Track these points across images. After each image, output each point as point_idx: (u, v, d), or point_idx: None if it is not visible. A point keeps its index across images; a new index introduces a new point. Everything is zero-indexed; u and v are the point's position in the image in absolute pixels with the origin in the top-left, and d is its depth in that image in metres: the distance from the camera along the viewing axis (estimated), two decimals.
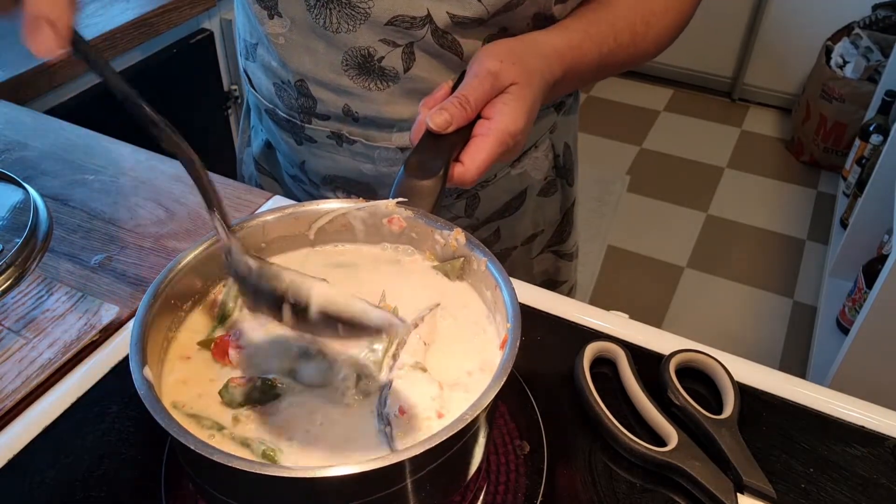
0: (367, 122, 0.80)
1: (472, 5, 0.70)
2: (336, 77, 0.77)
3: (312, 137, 0.83)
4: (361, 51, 0.74)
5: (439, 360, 0.53)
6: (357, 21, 0.72)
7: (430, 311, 0.56)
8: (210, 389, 0.51)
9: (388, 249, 0.62)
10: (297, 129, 0.84)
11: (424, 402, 0.49)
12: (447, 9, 0.71)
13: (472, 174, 0.61)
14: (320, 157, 0.85)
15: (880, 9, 2.81)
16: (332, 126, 0.82)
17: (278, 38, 0.77)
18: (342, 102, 0.79)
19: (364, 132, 0.81)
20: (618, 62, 0.77)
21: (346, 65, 0.76)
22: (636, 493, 0.57)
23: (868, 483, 0.59)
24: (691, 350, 0.66)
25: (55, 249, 0.77)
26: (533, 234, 0.97)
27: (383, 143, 0.81)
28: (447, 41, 0.73)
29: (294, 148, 0.87)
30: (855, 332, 1.65)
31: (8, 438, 0.59)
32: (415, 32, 0.72)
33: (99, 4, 1.48)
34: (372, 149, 0.81)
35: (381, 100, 0.78)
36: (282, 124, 0.85)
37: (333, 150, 0.83)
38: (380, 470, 0.41)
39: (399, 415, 0.49)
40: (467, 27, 0.72)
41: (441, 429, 0.42)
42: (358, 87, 0.77)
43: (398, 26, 0.72)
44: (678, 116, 3.31)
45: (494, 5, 0.71)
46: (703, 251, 2.61)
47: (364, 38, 0.73)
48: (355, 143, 0.81)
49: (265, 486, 0.42)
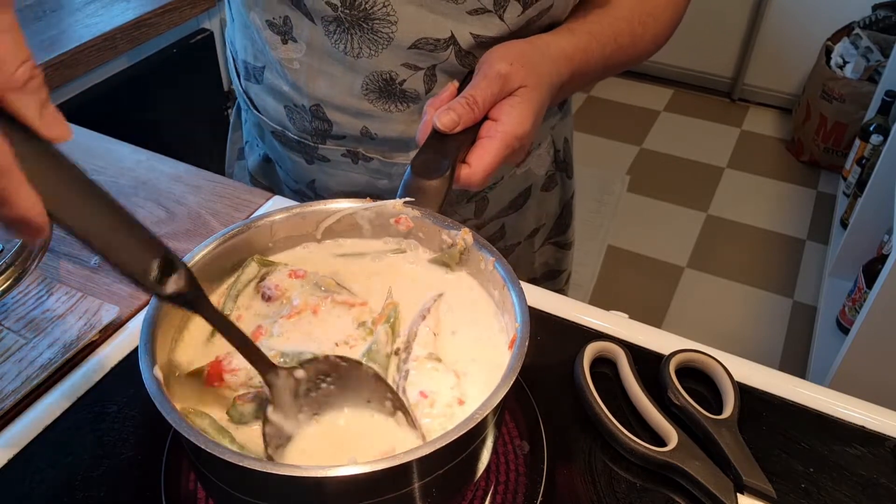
0: (385, 142, 0.79)
1: (496, 25, 0.70)
2: (355, 101, 0.76)
3: (326, 157, 0.82)
4: (383, 75, 0.73)
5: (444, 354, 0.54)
6: (380, 46, 0.71)
7: (433, 301, 0.56)
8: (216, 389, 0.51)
9: (391, 243, 0.62)
10: (309, 149, 0.82)
11: (444, 391, 0.50)
12: (470, 30, 0.70)
13: (479, 177, 0.61)
14: (332, 175, 0.84)
15: (880, 9, 2.81)
16: (347, 145, 0.80)
17: (292, 62, 0.76)
18: (360, 125, 0.78)
19: (382, 150, 0.80)
20: (619, 63, 0.77)
21: (367, 89, 0.75)
22: (636, 493, 0.57)
23: (868, 483, 0.59)
24: (691, 350, 0.66)
25: (55, 249, 0.77)
26: (536, 229, 0.97)
27: (401, 160, 0.80)
28: (469, 60, 0.73)
29: (303, 167, 0.85)
30: (855, 332, 1.65)
31: (8, 438, 0.59)
32: (438, 55, 0.72)
33: (99, 4, 1.48)
34: (389, 165, 0.80)
35: (400, 119, 0.77)
36: (291, 145, 0.84)
37: (348, 167, 0.82)
38: (388, 470, 0.41)
39: (422, 397, 0.49)
40: (488, 46, 0.72)
41: (453, 427, 0.43)
42: (378, 109, 0.76)
43: (422, 49, 0.71)
44: (678, 116, 3.31)
45: (517, 24, 0.71)
46: (703, 251, 2.61)
47: (386, 62, 0.72)
48: (372, 160, 0.80)
49: (275, 485, 0.42)
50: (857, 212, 2.16)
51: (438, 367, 0.51)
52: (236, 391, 0.51)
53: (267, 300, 0.57)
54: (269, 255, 0.60)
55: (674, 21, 0.80)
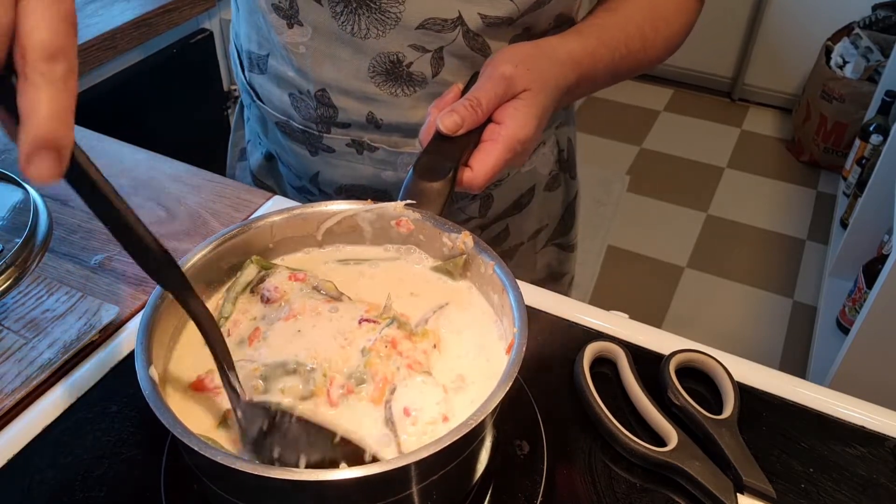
0: (391, 129, 0.79)
1: (504, 5, 0.70)
2: (361, 84, 0.76)
3: (330, 147, 0.82)
4: (390, 56, 0.73)
5: (444, 362, 0.53)
6: (387, 26, 0.71)
7: (433, 312, 0.56)
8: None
9: (391, 250, 0.62)
10: (313, 139, 0.82)
11: (429, 406, 0.49)
12: (478, 10, 0.70)
13: (481, 180, 0.61)
14: (337, 166, 0.84)
15: (880, 9, 2.81)
16: (352, 134, 0.80)
17: (298, 47, 0.76)
18: (366, 110, 0.78)
19: (387, 139, 0.80)
20: (629, 68, 0.77)
21: (373, 71, 0.75)
22: (636, 493, 0.57)
23: (868, 483, 0.59)
24: (691, 350, 0.66)
25: (55, 249, 0.77)
26: (538, 229, 0.97)
27: (407, 149, 0.80)
28: (477, 43, 0.73)
29: (307, 159, 0.85)
30: (855, 332, 1.65)
31: (8, 438, 0.59)
32: (446, 35, 0.72)
33: (99, 4, 1.48)
34: (395, 155, 0.80)
35: (406, 105, 0.77)
36: (295, 136, 0.84)
37: (353, 158, 0.82)
38: (385, 474, 0.41)
39: (404, 415, 0.48)
40: (497, 28, 0.72)
41: (447, 432, 0.42)
42: (384, 93, 0.76)
43: (429, 29, 0.71)
44: (678, 116, 3.31)
45: (525, 3, 0.70)
46: (704, 251, 2.61)
47: (393, 43, 0.72)
48: (377, 150, 0.80)
49: (269, 489, 0.42)
50: (857, 212, 2.16)
51: (427, 381, 0.51)
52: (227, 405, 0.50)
53: (266, 302, 0.56)
54: (268, 256, 0.60)
55: (686, 26, 0.80)
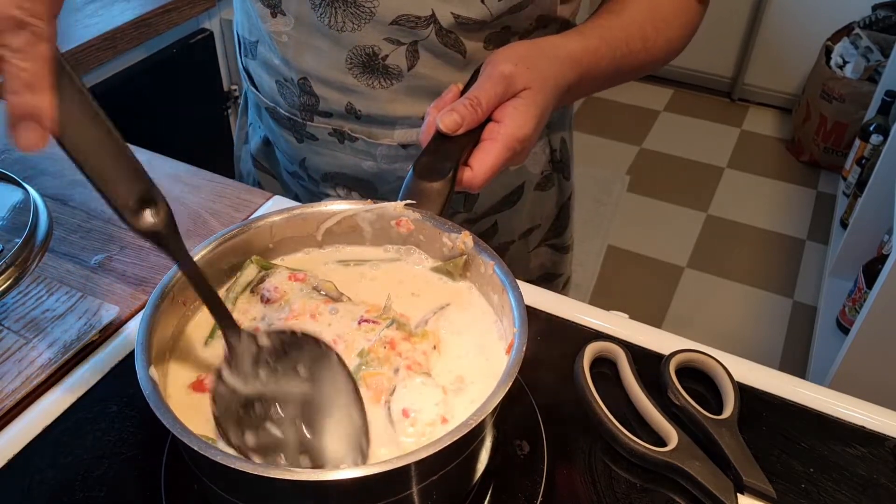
0: (370, 120, 0.80)
1: (476, 7, 0.70)
2: (340, 75, 0.77)
3: (314, 135, 0.83)
4: (366, 49, 0.74)
5: (444, 363, 0.53)
6: (362, 20, 0.72)
7: (434, 313, 0.56)
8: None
9: (391, 251, 0.62)
10: (298, 126, 0.84)
11: (428, 408, 0.49)
12: (451, 9, 0.71)
13: (480, 179, 0.61)
14: (321, 154, 0.85)
15: (880, 9, 2.81)
16: (334, 123, 0.82)
17: (281, 36, 0.78)
18: (345, 100, 0.79)
19: (366, 129, 0.81)
20: (631, 67, 0.77)
21: (351, 63, 0.76)
22: (636, 493, 0.57)
23: (868, 483, 0.59)
24: (691, 350, 0.66)
25: (55, 249, 0.77)
26: (530, 228, 0.97)
27: (385, 141, 0.81)
28: (451, 40, 0.73)
29: (294, 145, 0.87)
30: (855, 332, 1.65)
31: (8, 438, 0.59)
32: (419, 32, 0.73)
33: (99, 4, 1.48)
34: (374, 146, 0.82)
35: (384, 97, 0.78)
36: (282, 122, 0.86)
37: (335, 147, 0.83)
38: (385, 474, 0.41)
39: (403, 416, 0.48)
40: (471, 28, 0.72)
41: (445, 433, 0.42)
42: (362, 85, 0.77)
43: (403, 25, 0.72)
44: (678, 116, 3.31)
45: (499, 9, 0.71)
46: (703, 251, 2.61)
47: (369, 36, 0.74)
48: (357, 140, 0.82)
49: (268, 488, 0.42)
50: (857, 212, 2.16)
51: (427, 382, 0.51)
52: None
53: (266, 302, 0.57)
54: (268, 256, 0.60)
55: (687, 26, 0.80)
